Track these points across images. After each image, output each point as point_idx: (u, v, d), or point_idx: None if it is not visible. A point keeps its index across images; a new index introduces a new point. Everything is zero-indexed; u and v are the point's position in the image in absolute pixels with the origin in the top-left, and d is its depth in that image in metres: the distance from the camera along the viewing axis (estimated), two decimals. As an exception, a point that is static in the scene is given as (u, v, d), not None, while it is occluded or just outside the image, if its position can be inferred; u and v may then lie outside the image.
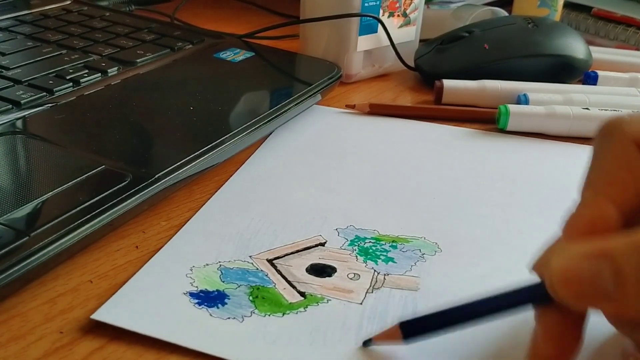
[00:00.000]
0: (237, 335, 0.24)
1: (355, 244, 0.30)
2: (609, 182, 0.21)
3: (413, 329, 0.22)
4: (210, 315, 0.25)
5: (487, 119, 0.44)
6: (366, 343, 0.23)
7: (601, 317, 0.22)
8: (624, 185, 0.21)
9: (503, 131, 0.43)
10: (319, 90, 0.43)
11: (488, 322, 0.21)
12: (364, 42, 0.49)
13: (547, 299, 0.20)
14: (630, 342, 0.22)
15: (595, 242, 0.19)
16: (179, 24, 0.57)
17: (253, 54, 0.48)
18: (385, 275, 0.28)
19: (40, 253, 0.25)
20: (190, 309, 0.25)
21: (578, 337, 0.21)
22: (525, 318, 0.22)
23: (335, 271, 0.28)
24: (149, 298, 0.25)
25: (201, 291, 0.26)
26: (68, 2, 0.57)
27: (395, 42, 0.50)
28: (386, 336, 0.23)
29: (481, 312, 0.21)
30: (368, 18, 0.48)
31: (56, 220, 0.26)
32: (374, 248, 0.29)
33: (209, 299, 0.25)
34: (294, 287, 0.27)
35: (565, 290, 0.19)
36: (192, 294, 0.26)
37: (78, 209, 0.27)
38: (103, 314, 0.24)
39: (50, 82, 0.39)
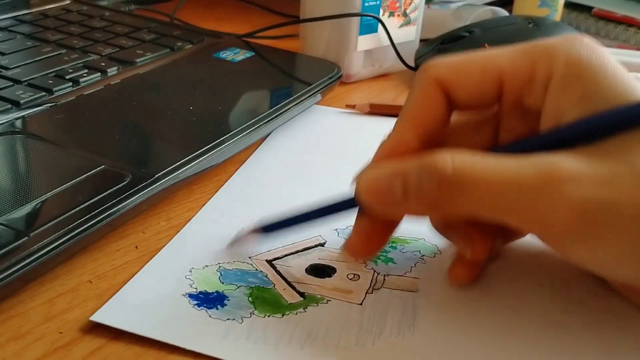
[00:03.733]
0: (236, 337, 0.24)
1: (355, 244, 0.30)
2: (411, 115, 0.25)
3: (269, 228, 0.28)
4: (210, 316, 0.25)
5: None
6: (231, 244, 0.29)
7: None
8: (422, 117, 0.25)
9: (503, 131, 0.43)
10: (319, 90, 0.42)
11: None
12: (364, 42, 0.49)
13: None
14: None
15: (392, 163, 0.24)
16: (179, 24, 0.57)
17: (253, 53, 0.48)
18: (385, 276, 0.27)
19: (40, 253, 0.25)
20: (189, 311, 0.25)
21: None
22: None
23: (335, 272, 0.28)
24: (148, 299, 0.25)
25: (200, 292, 0.26)
26: (68, 2, 0.57)
27: (395, 41, 0.50)
28: (249, 235, 0.28)
29: (317, 214, 0.27)
30: (368, 18, 0.48)
31: (56, 220, 0.26)
32: (373, 248, 0.29)
33: (208, 300, 0.25)
34: (293, 287, 0.27)
35: (366, 198, 0.24)
36: (191, 296, 0.26)
37: (77, 209, 0.27)
38: (102, 316, 0.24)
39: (50, 81, 0.39)
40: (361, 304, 0.26)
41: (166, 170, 0.31)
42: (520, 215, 0.21)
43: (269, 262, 0.28)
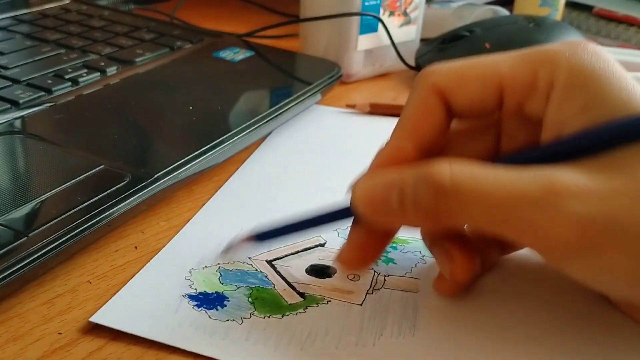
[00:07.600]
0: (236, 338, 0.24)
1: (356, 244, 0.30)
2: (409, 123, 0.25)
3: (262, 236, 0.28)
4: (209, 317, 0.24)
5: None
6: (226, 250, 0.28)
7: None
8: (420, 125, 0.25)
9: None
10: (319, 89, 0.42)
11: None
12: (365, 41, 0.49)
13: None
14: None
15: (389, 173, 0.23)
16: (178, 23, 0.57)
17: (253, 53, 0.48)
18: (385, 276, 0.27)
19: (39, 253, 0.24)
20: (189, 311, 0.25)
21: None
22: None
23: (335, 272, 0.28)
24: (147, 300, 0.25)
25: (200, 293, 0.26)
26: (67, 2, 0.57)
27: (395, 41, 0.50)
28: (243, 242, 0.28)
29: (312, 222, 0.27)
30: (368, 17, 0.48)
31: (55, 221, 0.26)
32: (374, 249, 0.29)
33: (208, 301, 0.25)
34: (293, 288, 0.26)
35: (362, 208, 0.24)
36: (190, 296, 0.25)
37: (77, 209, 0.27)
38: (101, 317, 0.24)
39: (49, 81, 0.39)
40: (361, 305, 0.26)
41: (166, 170, 0.30)
42: (519, 230, 0.21)
43: (269, 262, 0.28)
